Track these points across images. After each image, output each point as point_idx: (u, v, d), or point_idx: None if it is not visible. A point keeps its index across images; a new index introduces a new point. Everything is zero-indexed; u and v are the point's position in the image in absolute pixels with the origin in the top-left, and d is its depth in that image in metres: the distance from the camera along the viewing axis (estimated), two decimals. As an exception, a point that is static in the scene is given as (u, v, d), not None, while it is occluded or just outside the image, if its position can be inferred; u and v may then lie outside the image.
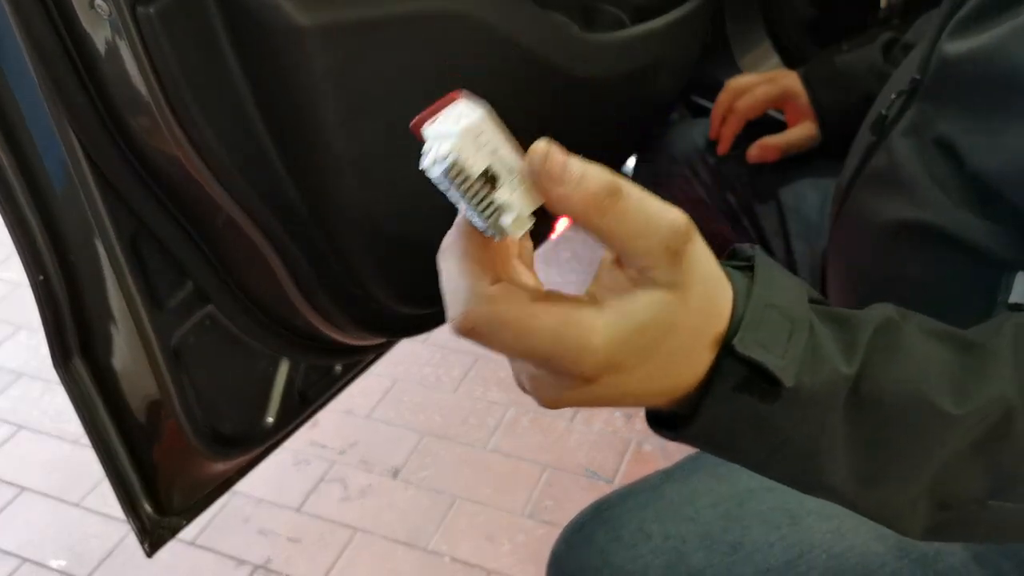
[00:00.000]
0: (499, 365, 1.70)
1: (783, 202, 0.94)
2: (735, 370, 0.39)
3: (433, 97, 0.54)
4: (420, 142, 0.38)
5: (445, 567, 1.33)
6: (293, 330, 0.82)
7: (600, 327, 0.36)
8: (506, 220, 0.36)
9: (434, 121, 0.37)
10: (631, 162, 1.10)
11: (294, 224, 0.69)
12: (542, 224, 0.95)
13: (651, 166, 1.02)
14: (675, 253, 0.36)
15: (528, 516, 1.40)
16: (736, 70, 1.25)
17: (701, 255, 0.37)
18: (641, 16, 0.88)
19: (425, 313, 0.85)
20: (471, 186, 0.35)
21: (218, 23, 0.58)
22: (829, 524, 0.57)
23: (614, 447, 1.52)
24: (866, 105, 0.75)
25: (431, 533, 1.38)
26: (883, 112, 0.68)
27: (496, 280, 0.37)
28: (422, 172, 0.37)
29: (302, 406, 0.89)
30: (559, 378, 0.38)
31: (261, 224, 0.68)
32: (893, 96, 0.67)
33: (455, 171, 0.35)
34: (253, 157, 0.64)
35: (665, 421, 0.43)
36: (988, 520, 0.45)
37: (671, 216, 0.36)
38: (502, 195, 0.36)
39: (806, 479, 0.44)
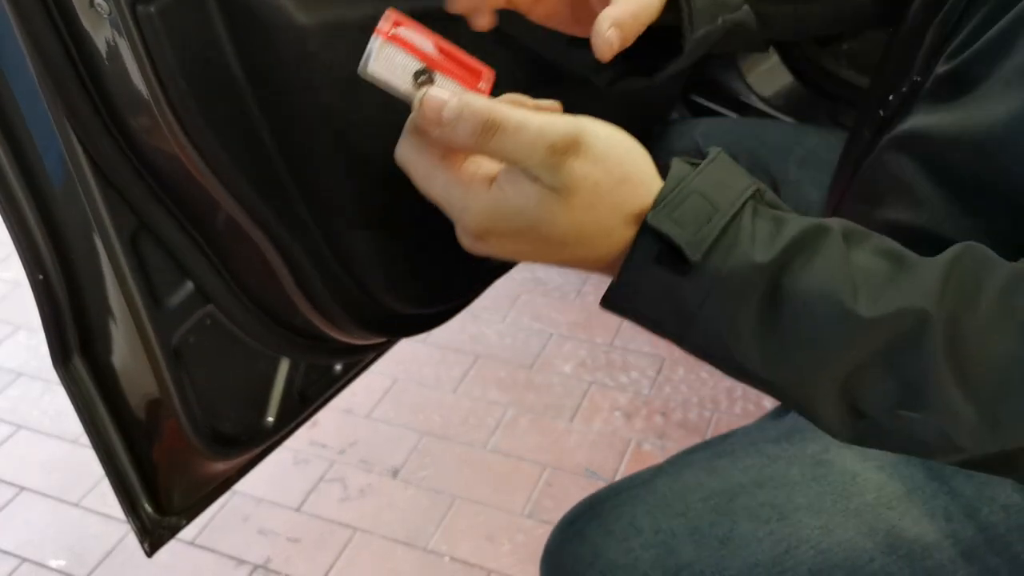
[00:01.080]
0: (499, 365, 1.71)
1: (783, 200, 0.94)
2: (650, 243, 0.46)
3: None
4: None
5: (445, 567, 1.33)
6: (293, 329, 0.82)
7: (482, 197, 0.47)
8: None
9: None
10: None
11: (294, 223, 0.69)
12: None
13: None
14: (553, 167, 0.45)
15: (528, 516, 1.40)
16: (736, 70, 1.26)
17: (597, 158, 0.46)
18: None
19: (425, 313, 0.85)
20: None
21: (218, 22, 0.58)
22: (818, 520, 0.58)
23: (614, 447, 1.52)
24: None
25: (431, 533, 1.38)
26: (880, 112, 0.68)
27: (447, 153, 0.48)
28: None
29: (302, 405, 0.89)
30: (457, 224, 0.49)
31: (261, 223, 0.68)
32: (891, 97, 0.67)
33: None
34: (253, 156, 0.64)
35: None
36: (900, 430, 0.47)
37: (548, 140, 0.45)
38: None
39: (720, 357, 0.48)
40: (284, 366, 0.86)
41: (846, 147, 0.77)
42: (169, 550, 0.83)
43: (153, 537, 0.79)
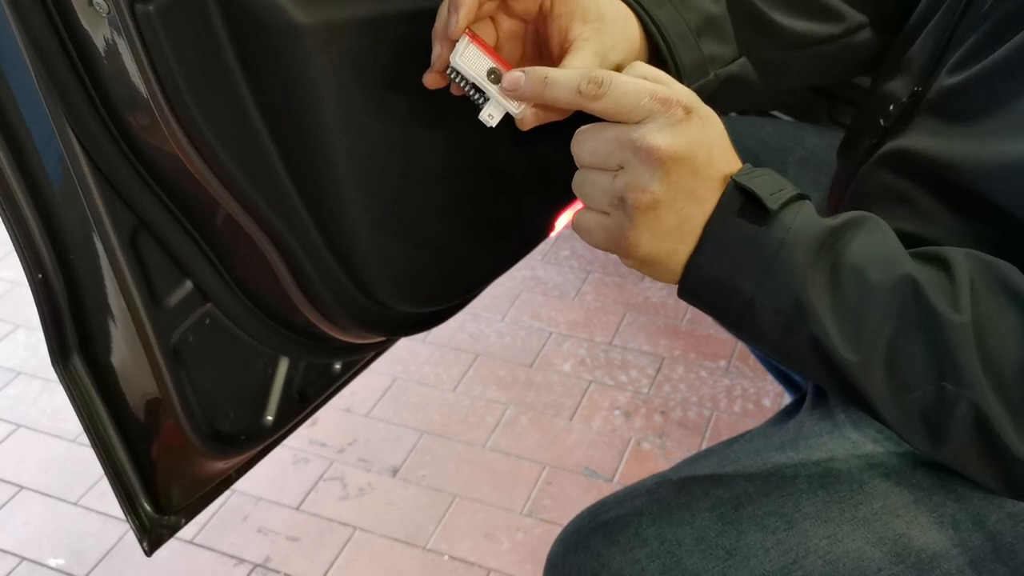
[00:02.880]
0: (498, 364, 1.71)
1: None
2: (735, 199, 0.52)
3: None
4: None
5: (444, 565, 1.33)
6: (292, 328, 0.82)
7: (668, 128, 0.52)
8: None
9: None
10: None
11: (293, 222, 0.69)
12: (542, 222, 0.96)
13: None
14: (676, 122, 0.51)
15: (527, 515, 1.40)
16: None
17: (706, 118, 0.53)
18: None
19: (425, 312, 0.85)
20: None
21: (217, 21, 0.58)
22: (825, 529, 0.57)
23: (613, 446, 1.52)
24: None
25: (430, 532, 1.38)
26: (881, 122, 0.68)
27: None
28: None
29: (301, 404, 0.89)
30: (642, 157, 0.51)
31: (260, 222, 0.67)
32: (891, 107, 0.67)
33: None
34: (252, 155, 0.64)
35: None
36: (945, 412, 0.51)
37: (659, 99, 0.51)
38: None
39: (789, 320, 0.51)
40: (283, 365, 0.86)
41: (844, 152, 0.77)
42: (168, 549, 0.83)
43: (152, 536, 0.79)
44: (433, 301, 0.84)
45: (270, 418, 0.86)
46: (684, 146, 0.50)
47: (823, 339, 0.51)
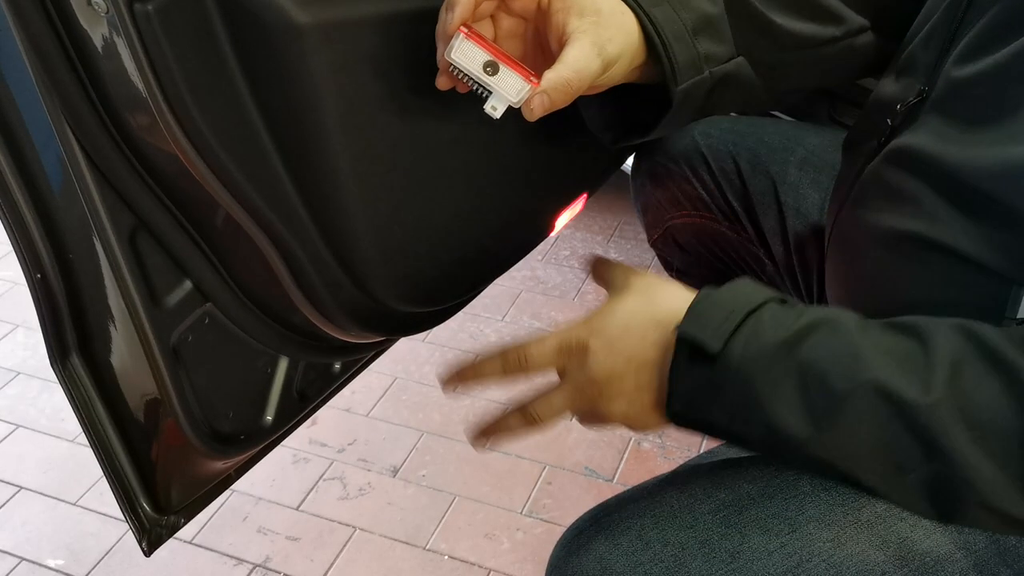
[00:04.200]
0: (498, 363, 1.70)
1: (783, 201, 0.94)
2: (683, 347, 0.56)
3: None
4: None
5: (444, 565, 1.33)
6: (292, 328, 0.82)
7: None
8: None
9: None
10: (630, 160, 1.10)
11: (293, 222, 0.68)
12: (542, 222, 0.96)
13: (651, 165, 1.02)
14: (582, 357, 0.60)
15: (527, 514, 1.40)
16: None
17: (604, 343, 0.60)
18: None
19: (425, 311, 0.85)
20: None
21: (216, 20, 0.58)
22: (829, 532, 0.57)
23: (613, 445, 1.52)
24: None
25: (430, 531, 1.38)
26: (888, 121, 0.68)
27: None
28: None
29: (301, 404, 0.89)
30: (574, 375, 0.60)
31: (259, 221, 0.67)
32: (898, 106, 0.67)
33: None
34: (252, 154, 0.64)
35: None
36: (937, 487, 0.54)
37: (562, 352, 0.62)
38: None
39: (768, 443, 0.55)
40: (283, 365, 0.86)
41: (848, 151, 0.77)
42: (168, 549, 0.83)
43: (151, 536, 0.79)
44: (433, 301, 0.84)
45: (270, 418, 0.86)
46: (602, 365, 0.59)
47: (808, 453, 0.55)
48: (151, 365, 0.73)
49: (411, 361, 1.71)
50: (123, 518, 0.78)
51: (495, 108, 0.60)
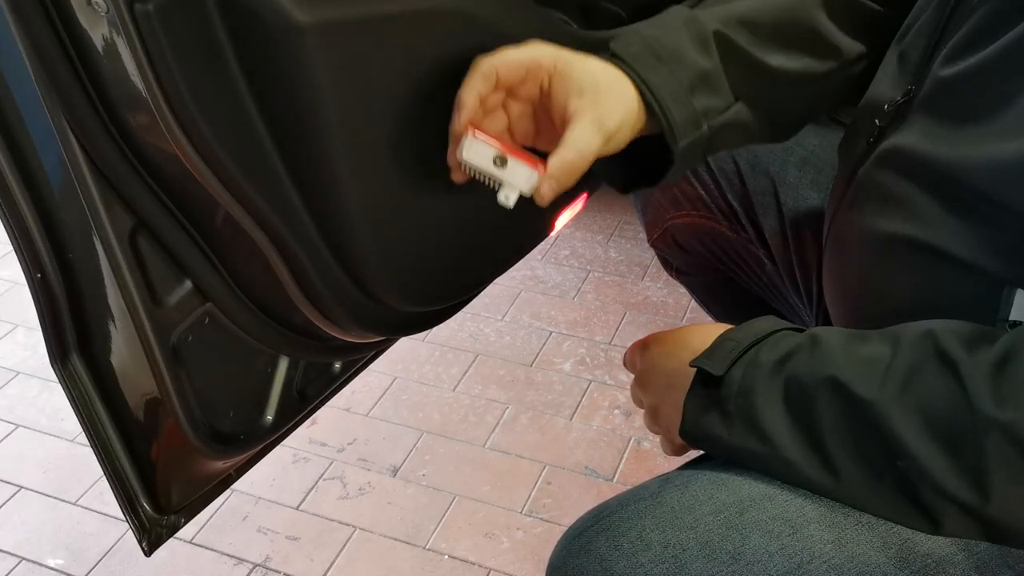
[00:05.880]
0: (498, 363, 1.71)
1: (782, 201, 0.94)
2: (698, 375, 0.63)
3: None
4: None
5: (444, 565, 1.33)
6: (292, 328, 0.82)
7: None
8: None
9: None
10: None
11: (293, 221, 0.69)
12: (541, 222, 0.96)
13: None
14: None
15: (527, 514, 1.40)
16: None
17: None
18: (640, 14, 0.88)
19: (425, 311, 0.85)
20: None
21: (216, 20, 0.58)
22: (830, 534, 0.57)
23: (613, 445, 1.52)
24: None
25: (430, 531, 1.38)
26: (876, 121, 0.68)
27: None
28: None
29: (301, 404, 0.89)
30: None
31: (259, 221, 0.67)
32: (886, 107, 0.67)
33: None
34: (252, 154, 0.64)
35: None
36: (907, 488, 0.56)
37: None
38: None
39: (763, 456, 0.59)
40: (283, 364, 0.86)
41: (842, 152, 0.77)
42: (168, 549, 0.83)
43: (151, 536, 0.79)
44: (433, 300, 0.84)
45: (270, 418, 0.86)
46: (655, 383, 0.70)
47: (795, 465, 0.58)
48: (151, 365, 0.73)
49: (411, 361, 1.71)
50: (123, 518, 0.78)
51: (508, 197, 0.64)
